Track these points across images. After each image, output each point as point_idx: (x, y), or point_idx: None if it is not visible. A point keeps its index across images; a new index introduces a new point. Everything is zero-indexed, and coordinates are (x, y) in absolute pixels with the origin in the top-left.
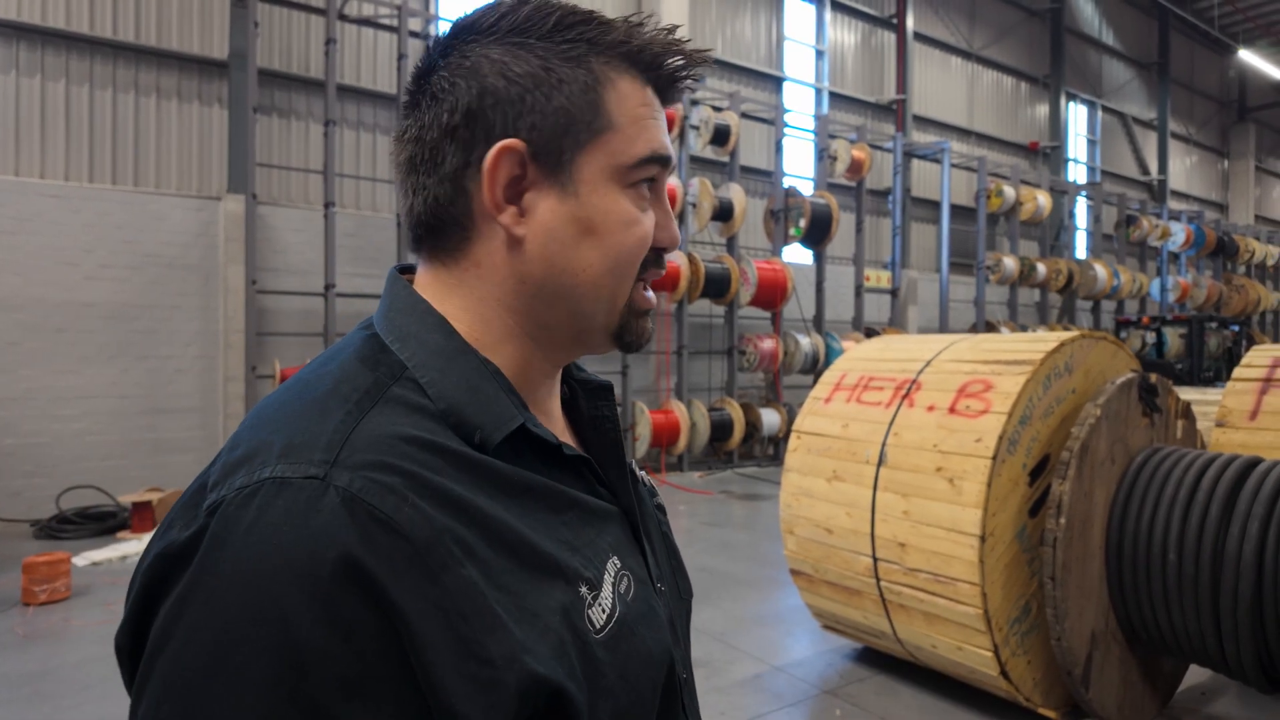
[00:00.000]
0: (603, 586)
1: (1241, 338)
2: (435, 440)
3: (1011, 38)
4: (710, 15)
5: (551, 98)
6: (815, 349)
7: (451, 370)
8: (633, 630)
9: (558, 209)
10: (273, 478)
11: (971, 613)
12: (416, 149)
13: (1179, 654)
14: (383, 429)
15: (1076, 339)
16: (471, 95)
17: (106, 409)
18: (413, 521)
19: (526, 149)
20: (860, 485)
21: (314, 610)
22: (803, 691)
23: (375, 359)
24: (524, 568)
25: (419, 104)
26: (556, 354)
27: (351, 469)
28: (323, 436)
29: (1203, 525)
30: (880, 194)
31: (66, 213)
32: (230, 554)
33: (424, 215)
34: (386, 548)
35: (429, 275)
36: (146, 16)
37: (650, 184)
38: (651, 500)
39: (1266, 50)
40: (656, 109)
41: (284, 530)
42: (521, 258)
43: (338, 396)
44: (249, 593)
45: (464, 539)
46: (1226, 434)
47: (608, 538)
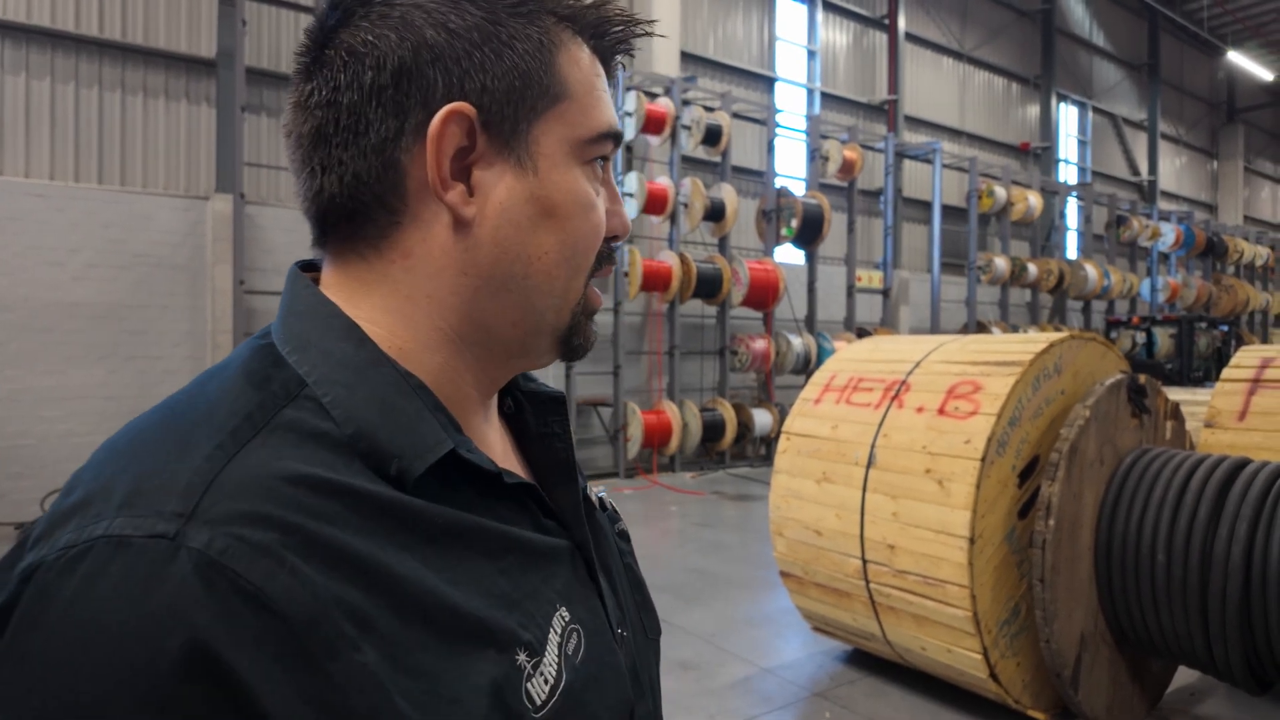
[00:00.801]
0: (546, 650)
1: (1230, 338)
2: (332, 479)
3: (1003, 38)
4: (702, 15)
5: (502, 56)
6: (807, 349)
7: (362, 385)
8: (581, 702)
9: (514, 186)
10: (107, 535)
11: (960, 615)
12: (327, 115)
13: (1167, 655)
14: (262, 467)
15: (1065, 340)
16: (405, 50)
17: (93, 410)
18: (290, 594)
19: (476, 115)
20: (849, 487)
21: (147, 714)
22: (792, 694)
23: (265, 374)
24: (441, 639)
25: (329, 62)
26: (493, 366)
27: (213, 524)
28: (180, 479)
29: (1191, 526)
30: (872, 194)
31: (52, 212)
32: (41, 638)
33: (338, 197)
34: (252, 630)
35: (340, 272)
36: (133, 15)
37: (601, 164)
38: (613, 527)
39: (1255, 52)
40: (605, 80)
41: (114, 608)
42: (466, 244)
43: (209, 425)
44: (61, 694)
45: (360, 610)
46: (1215, 434)
47: (555, 583)
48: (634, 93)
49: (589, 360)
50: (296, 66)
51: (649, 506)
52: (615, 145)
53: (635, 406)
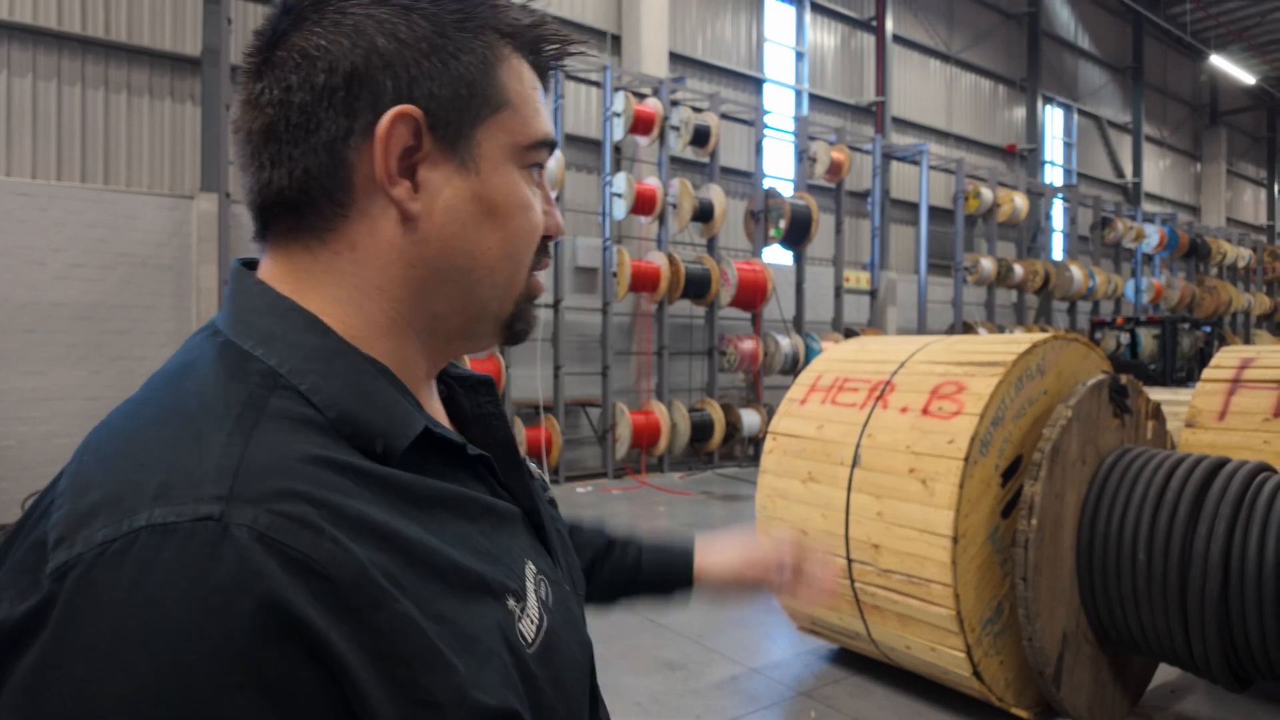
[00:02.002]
0: (528, 596)
1: (1213, 338)
2: (339, 458)
3: (989, 41)
4: (691, 16)
5: (449, 65)
6: (795, 349)
7: (334, 373)
8: (559, 637)
9: (458, 185)
10: (150, 525)
11: (944, 614)
12: (279, 114)
13: (1148, 653)
14: (279, 450)
15: (1048, 340)
16: (358, 55)
17: (76, 411)
18: (334, 558)
19: (423, 117)
20: (835, 487)
21: (235, 675)
22: (779, 693)
23: (241, 368)
24: (453, 591)
25: (280, 63)
26: (439, 349)
27: (253, 503)
28: (208, 467)
29: (1171, 525)
30: (859, 195)
31: (34, 211)
32: (106, 629)
33: (287, 190)
34: (310, 592)
35: (285, 265)
36: (117, 12)
37: (537, 169)
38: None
39: (1238, 55)
40: (542, 92)
41: (179, 588)
42: (413, 238)
43: (210, 416)
44: (141, 673)
45: (388, 570)
46: (1196, 434)
47: (520, 541)
48: (622, 93)
49: (577, 361)
50: (246, 66)
51: (637, 507)
52: (550, 152)
53: (624, 407)
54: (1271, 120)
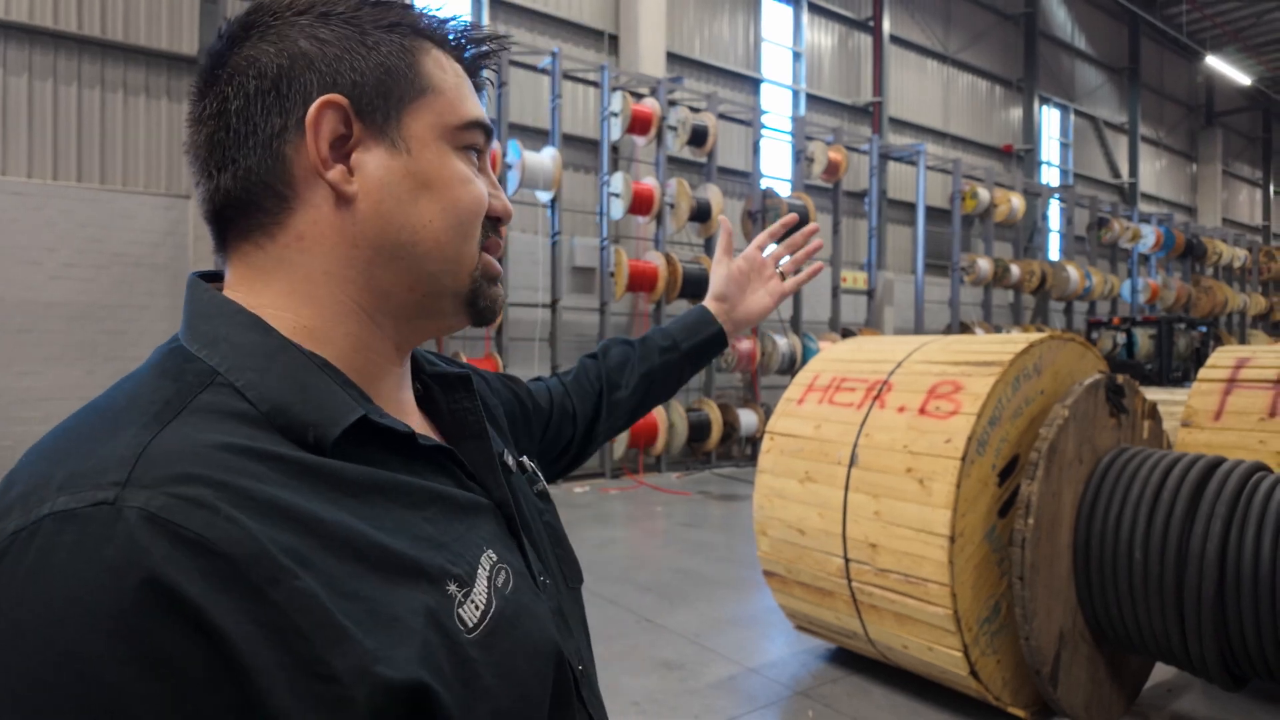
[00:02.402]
0: (475, 582)
1: (1209, 338)
2: (254, 445)
3: (986, 41)
4: (688, 16)
5: (369, 56)
6: (792, 349)
7: (272, 368)
8: (513, 625)
9: (390, 164)
10: (53, 513)
11: (941, 613)
12: (219, 123)
13: (1145, 652)
14: (187, 439)
15: (1045, 340)
16: (282, 59)
17: (71, 411)
18: (229, 536)
19: (349, 104)
20: (832, 486)
21: (118, 648)
22: (776, 693)
23: (178, 369)
24: (374, 572)
25: (217, 80)
26: (400, 330)
27: (149, 487)
28: (112, 456)
29: (1167, 525)
30: (856, 195)
31: (29, 210)
32: (7, 607)
33: (234, 191)
34: (199, 568)
35: (241, 266)
36: (113, 11)
37: (478, 155)
38: (532, 489)
39: (1233, 56)
40: (470, 83)
41: (72, 568)
42: (353, 218)
43: (130, 412)
44: (34, 646)
45: (294, 549)
46: (1192, 434)
47: (481, 531)
48: (620, 93)
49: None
50: (191, 93)
51: (635, 507)
52: (487, 137)
53: None
54: (1267, 121)
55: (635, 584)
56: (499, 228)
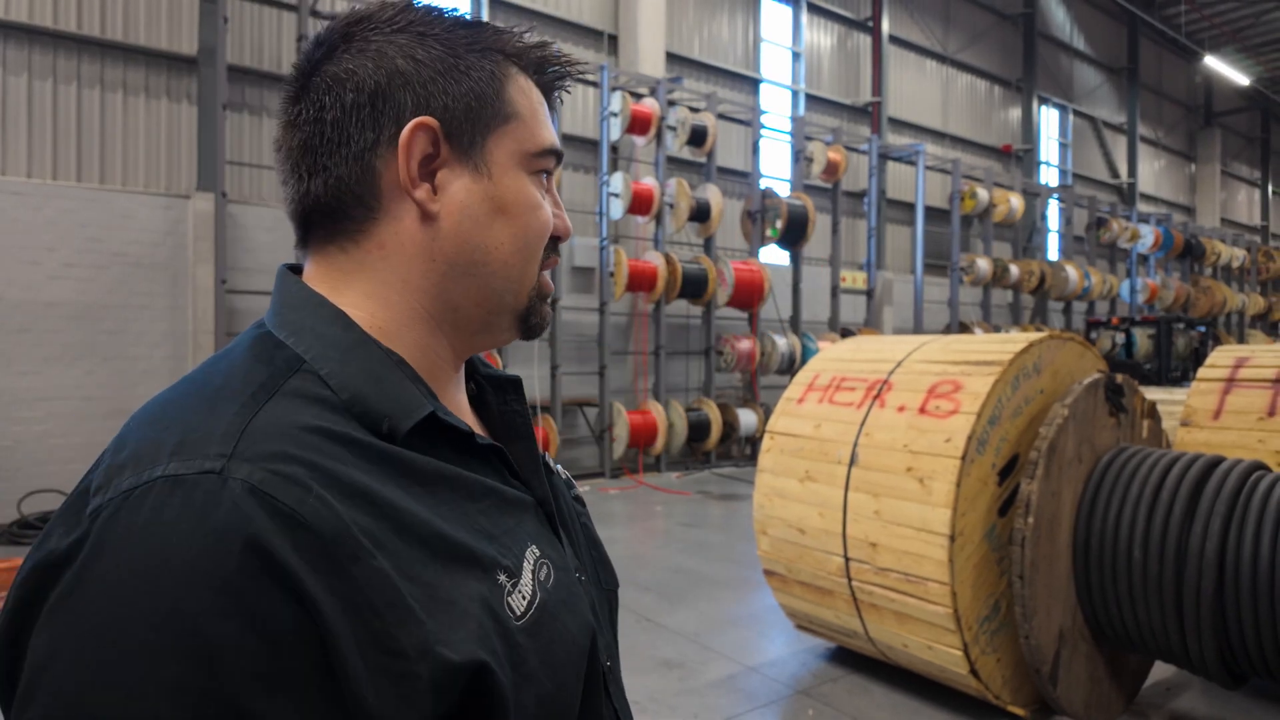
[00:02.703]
0: (522, 574)
1: (1208, 338)
2: (338, 430)
3: (985, 42)
4: (688, 16)
5: (461, 81)
6: (792, 349)
7: (352, 360)
8: (554, 616)
9: (472, 187)
10: (165, 476)
11: (941, 612)
12: (314, 130)
13: (1144, 650)
14: (282, 420)
15: (1044, 340)
16: (380, 76)
17: (71, 411)
18: (318, 513)
19: (440, 127)
20: (832, 485)
21: (221, 604)
22: (776, 692)
23: (269, 354)
24: (436, 558)
25: (315, 88)
26: (461, 340)
27: (250, 461)
28: (217, 430)
29: (1167, 524)
30: (856, 195)
31: (28, 210)
32: (122, 558)
33: (324, 197)
34: (291, 540)
35: (323, 265)
36: (113, 11)
37: (546, 176)
38: (569, 493)
39: (1232, 56)
40: (548, 108)
41: (181, 528)
42: (434, 235)
43: (229, 391)
44: (146, 595)
45: (371, 531)
46: (1191, 433)
47: (526, 526)
48: (619, 93)
49: (574, 360)
50: (286, 94)
51: (634, 506)
52: (557, 161)
53: (621, 407)
54: (1266, 121)
55: (635, 583)
56: (557, 246)
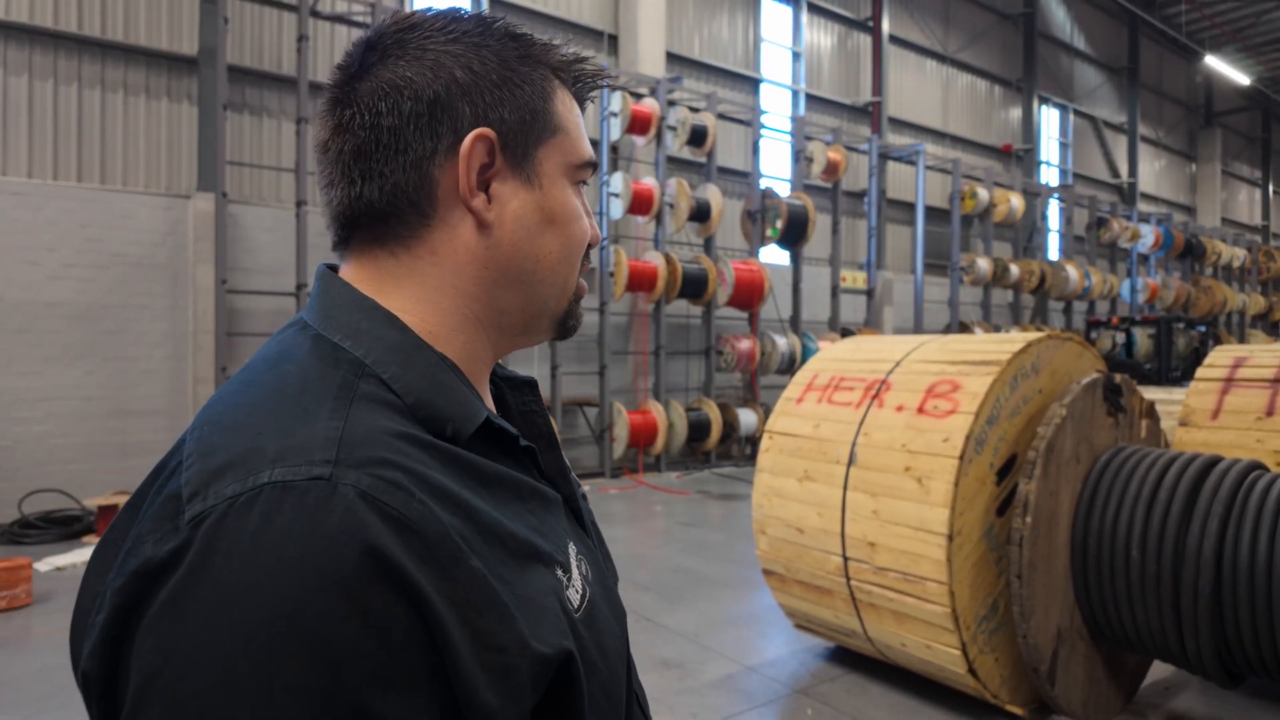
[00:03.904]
0: (572, 569)
1: (1208, 338)
2: (417, 435)
3: (985, 41)
4: (688, 16)
5: (515, 94)
6: (792, 349)
7: (412, 365)
8: (599, 609)
9: (524, 198)
10: (272, 482)
11: (940, 611)
12: (370, 136)
13: (1142, 650)
14: (372, 426)
15: (1043, 340)
16: (439, 85)
17: (71, 411)
18: (423, 517)
19: (496, 138)
20: (831, 485)
21: (341, 608)
22: (775, 691)
23: (334, 357)
24: (512, 557)
25: (367, 93)
26: (503, 342)
27: (356, 467)
28: (317, 436)
29: (1165, 523)
30: (856, 195)
31: (28, 210)
32: (235, 563)
33: (377, 202)
34: (403, 544)
35: (369, 268)
36: (113, 11)
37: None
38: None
39: (1232, 56)
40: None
41: (296, 533)
42: (488, 243)
43: (313, 395)
44: (264, 599)
45: (463, 532)
46: (1189, 433)
47: (563, 524)
48: (620, 93)
49: (574, 360)
50: (333, 95)
51: (634, 506)
52: (593, 171)
53: (621, 406)
54: (1266, 121)
55: (635, 583)
56: (589, 252)
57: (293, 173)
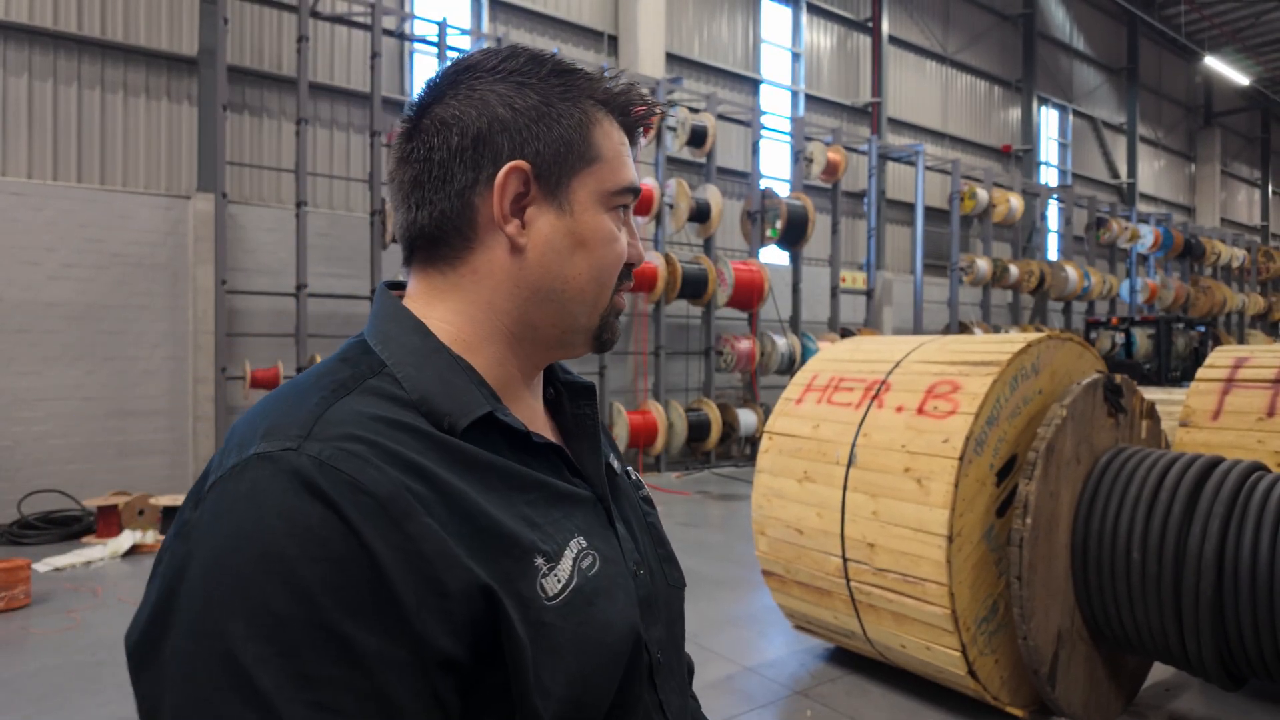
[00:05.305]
0: (561, 560)
1: (1207, 338)
2: (403, 420)
3: (984, 42)
4: (687, 17)
5: (552, 129)
6: (792, 349)
7: (426, 366)
8: (590, 601)
9: (556, 224)
10: (257, 454)
11: (939, 612)
12: (424, 168)
13: (1143, 651)
14: (353, 410)
15: (1043, 340)
16: (482, 122)
17: (70, 411)
18: (375, 480)
19: (531, 170)
20: (830, 486)
21: (310, 550)
22: (774, 692)
23: (357, 358)
24: (478, 531)
25: (425, 129)
26: (538, 354)
27: (322, 441)
28: (299, 417)
29: (1165, 524)
30: (855, 196)
31: (28, 210)
32: (232, 518)
33: (428, 227)
34: (352, 501)
35: (423, 283)
36: (113, 12)
37: (624, 209)
38: (637, 493)
39: (1232, 56)
40: (629, 147)
41: (272, 493)
42: (520, 264)
43: (317, 387)
44: (250, 545)
45: (423, 496)
46: (1190, 434)
47: (576, 519)
48: None
49: (575, 360)
50: (403, 129)
51: None
52: (635, 197)
53: (621, 407)
54: (1265, 121)
55: None
56: (631, 272)
57: (293, 173)
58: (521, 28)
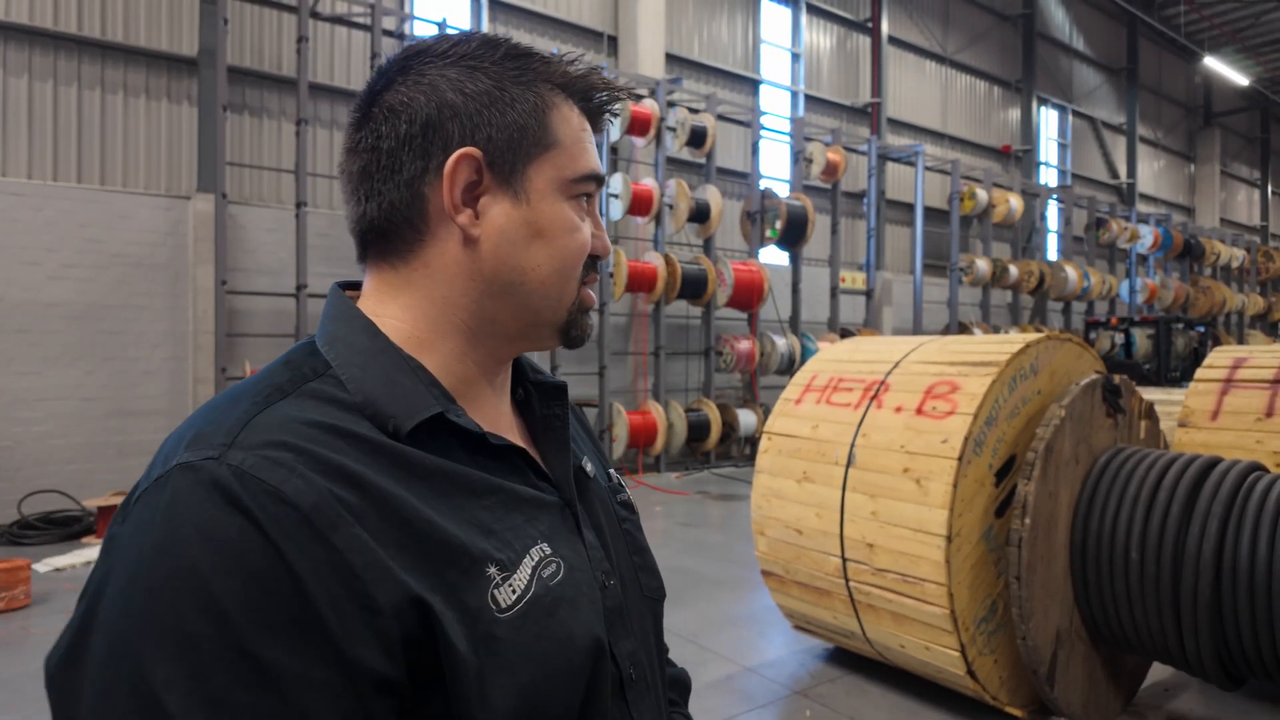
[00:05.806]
0: (519, 569)
1: (1207, 338)
2: (340, 425)
3: (984, 42)
4: (687, 17)
5: (505, 114)
6: (791, 349)
7: (372, 367)
8: (550, 612)
9: (511, 213)
10: (180, 464)
11: (938, 613)
12: (372, 158)
13: (1142, 651)
14: (285, 415)
15: (1042, 341)
16: (431, 108)
17: (71, 411)
18: (299, 490)
19: (483, 157)
20: (829, 486)
21: (226, 565)
22: (774, 692)
23: (300, 361)
24: (417, 540)
25: (374, 117)
26: (500, 348)
27: (245, 449)
28: (225, 424)
29: (1164, 524)
30: (855, 196)
31: (28, 211)
32: (150, 532)
33: (378, 219)
34: (275, 514)
35: (376, 279)
36: (113, 12)
37: (587, 199)
38: (614, 498)
39: (1231, 57)
40: (590, 133)
41: (190, 506)
42: (475, 256)
43: (251, 392)
44: (166, 560)
45: (353, 505)
46: (1189, 434)
47: (540, 525)
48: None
49: (575, 360)
50: (351, 120)
51: None
52: (598, 185)
53: (621, 407)
54: (1265, 121)
55: None
56: (597, 264)
57: (293, 173)
58: (521, 28)
